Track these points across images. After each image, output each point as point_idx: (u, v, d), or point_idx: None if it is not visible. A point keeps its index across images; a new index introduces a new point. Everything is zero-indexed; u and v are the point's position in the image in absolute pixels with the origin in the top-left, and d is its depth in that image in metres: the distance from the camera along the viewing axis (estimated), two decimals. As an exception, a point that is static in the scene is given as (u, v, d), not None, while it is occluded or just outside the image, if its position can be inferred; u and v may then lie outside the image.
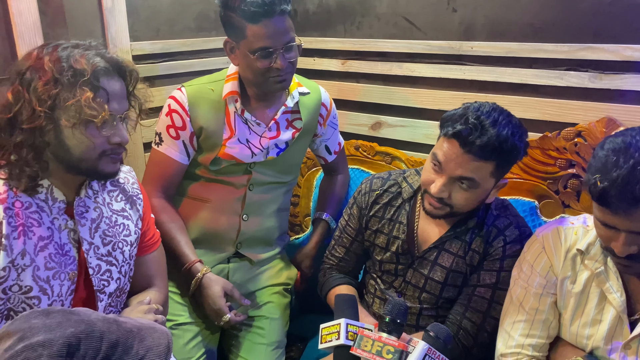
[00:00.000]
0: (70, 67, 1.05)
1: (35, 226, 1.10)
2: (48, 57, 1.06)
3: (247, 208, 1.68)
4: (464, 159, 1.27)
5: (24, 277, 1.08)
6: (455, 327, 1.40)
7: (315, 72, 2.16)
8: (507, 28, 1.71)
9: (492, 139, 1.24)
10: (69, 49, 1.08)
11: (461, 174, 1.29)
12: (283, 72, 1.50)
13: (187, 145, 1.61)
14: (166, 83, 1.99)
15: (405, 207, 1.51)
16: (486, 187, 1.33)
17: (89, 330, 0.83)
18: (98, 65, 1.07)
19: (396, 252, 1.49)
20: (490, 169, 1.29)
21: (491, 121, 1.25)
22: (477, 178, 1.29)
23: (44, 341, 0.80)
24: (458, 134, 1.26)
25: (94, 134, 1.09)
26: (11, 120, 1.06)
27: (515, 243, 1.39)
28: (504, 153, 1.27)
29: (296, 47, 1.52)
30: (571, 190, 1.60)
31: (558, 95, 1.64)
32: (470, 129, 1.24)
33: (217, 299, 1.53)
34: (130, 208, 1.30)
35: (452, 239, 1.44)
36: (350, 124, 2.12)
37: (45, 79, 1.04)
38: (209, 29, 2.10)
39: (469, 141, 1.25)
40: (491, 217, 1.43)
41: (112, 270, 1.22)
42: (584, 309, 1.20)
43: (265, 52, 1.47)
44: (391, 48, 1.96)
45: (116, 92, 1.11)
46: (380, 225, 1.53)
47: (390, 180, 1.56)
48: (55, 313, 0.84)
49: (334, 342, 1.09)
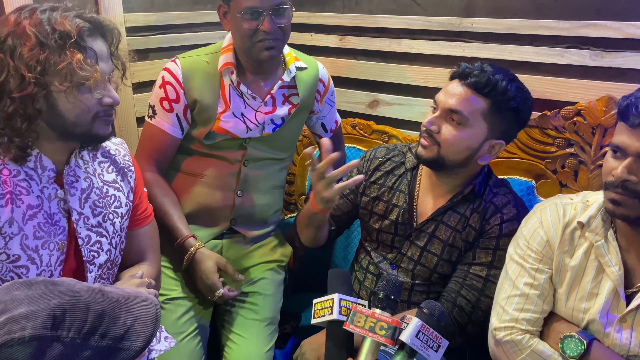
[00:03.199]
0: (54, 29, 1.02)
1: (24, 194, 1.08)
2: (28, 21, 1.02)
3: (242, 184, 1.66)
4: (459, 89, 1.34)
5: (12, 246, 1.06)
6: (449, 304, 1.40)
7: (313, 48, 2.12)
8: (508, 4, 1.68)
9: (489, 76, 1.33)
10: (48, 11, 1.04)
11: (451, 105, 1.34)
12: (271, 37, 1.47)
13: (180, 119, 1.59)
14: (160, 56, 1.96)
15: (407, 177, 1.51)
16: (476, 132, 1.35)
17: (74, 301, 0.81)
18: (82, 26, 1.05)
19: (395, 220, 1.49)
20: (482, 107, 1.33)
21: (495, 68, 1.36)
22: (466, 113, 1.33)
23: (27, 313, 0.78)
24: (461, 71, 1.36)
25: (87, 96, 1.06)
26: None
27: (512, 222, 1.39)
28: (497, 92, 1.32)
29: (288, 13, 1.49)
30: (569, 169, 1.59)
31: (558, 73, 1.62)
32: (472, 67, 1.36)
33: (210, 274, 1.53)
34: (122, 180, 1.28)
35: (450, 212, 1.44)
36: (347, 102, 2.10)
37: (30, 44, 1.00)
38: (205, 2, 2.06)
39: (466, 73, 1.34)
40: (490, 194, 1.43)
41: (102, 242, 1.20)
42: (581, 282, 1.21)
43: (253, 12, 1.44)
44: (390, 24, 1.93)
45: (103, 52, 1.09)
46: (379, 193, 1.53)
47: (395, 150, 1.58)
48: (38, 284, 0.82)
49: (327, 317, 1.08)
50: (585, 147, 1.55)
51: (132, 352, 0.84)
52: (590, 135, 1.53)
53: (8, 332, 0.76)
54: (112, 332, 0.83)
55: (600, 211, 1.19)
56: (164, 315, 1.54)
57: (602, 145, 1.52)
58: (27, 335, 0.76)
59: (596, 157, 1.53)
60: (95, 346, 0.81)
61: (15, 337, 0.75)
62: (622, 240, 1.17)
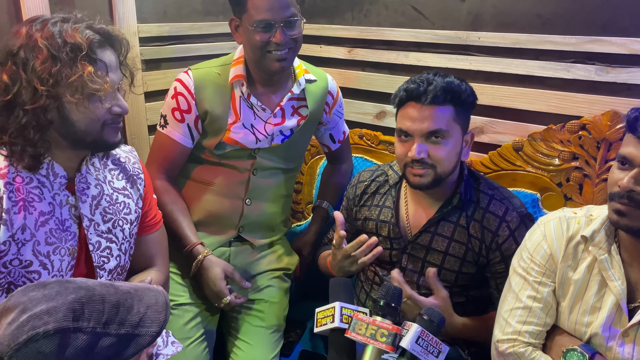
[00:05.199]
0: (65, 42, 1.04)
1: (36, 201, 1.11)
2: (40, 33, 1.04)
3: (251, 192, 1.69)
4: (425, 111, 1.35)
5: (25, 252, 1.09)
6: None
7: (321, 59, 2.15)
8: (515, 19, 1.70)
9: (440, 83, 1.35)
10: (59, 23, 1.06)
11: (429, 127, 1.35)
12: (282, 48, 1.49)
13: (191, 129, 1.62)
14: (172, 66, 1.99)
15: (391, 193, 1.54)
16: (456, 138, 1.39)
17: (90, 294, 0.85)
18: (92, 38, 1.07)
19: (388, 236, 1.51)
20: (451, 113, 1.37)
21: (433, 74, 1.40)
22: (444, 126, 1.36)
23: (47, 309, 0.81)
24: (410, 93, 1.36)
25: (97, 106, 1.09)
26: (10, 102, 1.04)
27: (520, 228, 1.41)
28: (455, 94, 1.36)
29: (299, 25, 1.52)
30: (574, 183, 1.59)
31: (564, 88, 1.63)
32: (418, 84, 1.37)
33: (218, 281, 1.54)
34: (131, 187, 1.31)
35: (443, 222, 1.45)
36: (355, 113, 2.12)
37: (42, 57, 1.02)
38: (216, 13, 2.10)
39: (422, 92, 1.35)
40: (485, 198, 1.45)
41: (112, 248, 1.23)
42: (584, 296, 1.21)
43: (264, 24, 1.47)
44: (398, 37, 1.95)
45: (112, 62, 1.12)
46: (368, 213, 1.56)
47: (378, 171, 1.61)
48: (52, 284, 0.86)
49: (329, 325, 1.10)
50: (590, 160, 1.56)
51: (149, 337, 0.89)
52: (595, 149, 1.54)
53: (32, 327, 0.79)
54: (128, 320, 0.88)
55: (604, 225, 1.20)
56: (172, 321, 1.56)
57: (606, 159, 1.53)
58: (51, 329, 0.80)
59: (601, 171, 1.54)
60: (115, 334, 0.86)
61: (40, 331, 0.79)
62: (625, 255, 1.18)
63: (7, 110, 1.06)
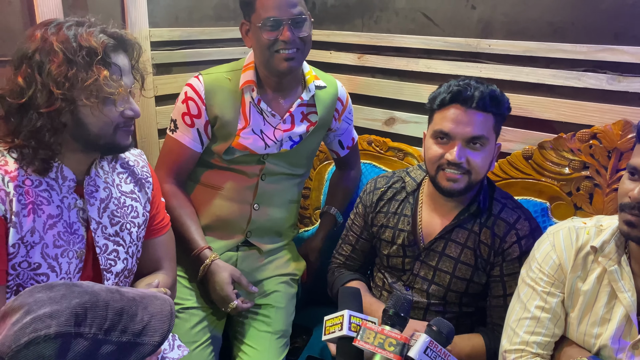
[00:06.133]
0: (80, 46, 1.04)
1: (44, 204, 1.11)
2: (55, 37, 1.05)
3: (259, 197, 1.69)
4: (469, 115, 1.34)
5: (33, 254, 1.09)
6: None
7: (331, 65, 2.16)
8: (525, 27, 1.69)
9: (486, 90, 1.34)
10: (74, 27, 1.07)
11: (472, 132, 1.34)
12: (290, 47, 1.49)
13: (201, 134, 1.62)
14: (183, 70, 2.00)
15: (409, 200, 1.53)
16: (492, 146, 1.40)
17: (94, 300, 0.85)
18: (107, 43, 1.08)
19: (402, 244, 1.50)
20: (492, 121, 1.37)
21: (475, 80, 1.39)
22: (486, 133, 1.35)
23: (51, 312, 0.82)
24: (456, 95, 1.34)
25: (111, 109, 1.10)
26: (24, 105, 1.05)
27: (528, 237, 1.40)
28: (498, 103, 1.36)
29: (307, 24, 1.52)
30: (584, 192, 1.58)
31: (575, 96, 1.62)
32: (464, 87, 1.35)
33: (225, 286, 1.55)
34: (139, 190, 1.31)
35: (457, 228, 1.45)
36: (364, 119, 2.12)
37: (58, 61, 1.03)
38: (227, 19, 2.11)
39: (469, 96, 1.33)
40: (498, 206, 1.44)
41: (119, 251, 1.23)
42: (593, 307, 1.20)
43: (272, 22, 1.47)
44: (408, 43, 1.95)
45: (126, 66, 1.13)
46: (385, 220, 1.55)
47: (394, 177, 1.60)
48: (58, 286, 0.86)
49: (337, 333, 1.09)
50: (601, 170, 1.55)
51: (151, 347, 0.89)
52: (606, 158, 1.53)
53: (34, 330, 0.80)
54: (131, 328, 0.87)
55: (614, 236, 1.19)
56: (178, 324, 1.56)
57: (617, 169, 1.51)
58: (52, 333, 0.80)
59: (612, 181, 1.53)
60: (116, 341, 0.85)
61: (41, 334, 0.79)
62: (635, 266, 1.17)
63: (20, 113, 1.06)
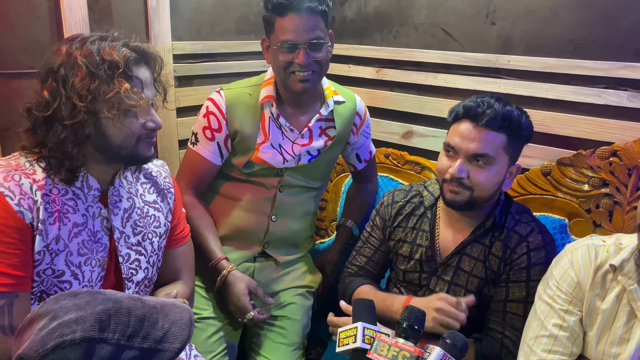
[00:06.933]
0: (103, 60, 1.07)
1: (70, 213, 1.14)
2: (79, 52, 1.08)
3: (277, 209, 1.71)
4: (477, 132, 1.34)
5: (57, 262, 1.12)
6: (498, 344, 1.40)
7: (350, 79, 2.18)
8: (545, 43, 1.69)
9: (500, 110, 1.34)
10: (97, 42, 1.10)
11: (476, 149, 1.34)
12: (305, 70, 1.52)
13: (221, 147, 1.65)
14: (204, 83, 2.04)
15: (427, 215, 1.53)
16: (501, 166, 1.37)
17: (117, 307, 0.88)
18: (129, 56, 1.11)
19: (420, 259, 1.50)
20: (503, 142, 1.35)
21: (495, 99, 1.38)
22: (492, 152, 1.34)
23: (76, 318, 0.84)
24: (468, 110, 1.35)
25: (132, 121, 1.12)
26: (49, 117, 1.08)
27: (539, 250, 1.39)
28: (513, 124, 1.35)
29: (324, 48, 1.54)
30: (603, 210, 1.57)
31: (595, 113, 1.62)
32: (478, 104, 1.35)
33: (242, 297, 1.56)
34: (162, 201, 1.34)
35: (473, 243, 1.44)
36: (382, 132, 2.13)
37: (81, 75, 1.06)
38: (248, 32, 2.14)
39: (479, 113, 1.33)
40: (512, 221, 1.43)
41: (140, 260, 1.26)
42: (612, 327, 1.18)
43: (289, 45, 1.50)
44: (427, 58, 1.96)
45: (147, 79, 1.15)
46: (403, 235, 1.55)
47: (412, 191, 1.59)
48: (83, 294, 0.89)
49: (351, 345, 1.10)
50: (621, 187, 1.53)
51: (171, 353, 0.90)
52: (626, 176, 1.52)
53: (60, 335, 0.82)
54: (152, 335, 0.89)
55: (633, 255, 1.17)
56: (195, 334, 1.58)
57: (638, 186, 1.50)
58: (78, 337, 0.82)
59: (632, 199, 1.52)
60: (138, 347, 0.87)
61: (67, 339, 0.81)
62: None
63: (46, 125, 1.09)
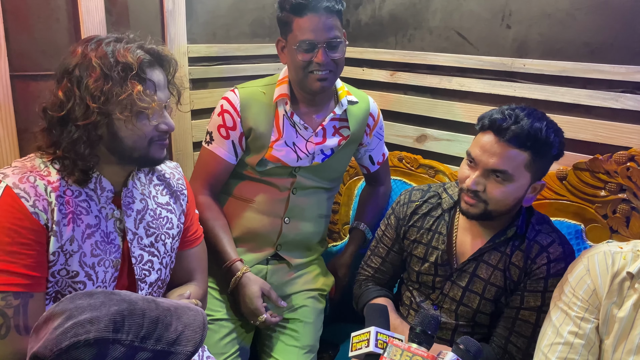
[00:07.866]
0: (117, 61, 1.08)
1: (83, 214, 1.15)
2: (94, 53, 1.09)
3: (290, 211, 1.71)
4: (499, 147, 1.29)
5: (72, 263, 1.13)
6: (500, 350, 1.38)
7: (364, 82, 2.17)
8: (562, 47, 1.68)
9: (526, 126, 1.27)
10: (112, 43, 1.11)
11: (494, 164, 1.30)
12: (323, 68, 1.53)
13: (236, 145, 1.66)
14: (219, 85, 2.05)
15: (444, 218, 1.51)
16: (521, 183, 1.33)
17: (132, 308, 0.88)
18: (143, 58, 1.11)
19: (435, 262, 1.49)
20: (525, 160, 1.30)
21: (526, 113, 1.30)
22: (511, 170, 1.30)
23: (91, 318, 0.85)
24: (493, 123, 1.30)
25: (145, 123, 1.13)
26: (64, 117, 1.09)
27: (559, 261, 1.36)
28: (539, 143, 1.28)
29: (341, 47, 1.55)
30: (620, 215, 1.55)
31: (612, 118, 1.60)
32: (505, 117, 1.29)
33: (255, 299, 1.56)
34: (174, 202, 1.34)
35: (491, 250, 1.42)
36: (395, 135, 2.13)
37: (95, 76, 1.07)
38: (263, 36, 2.15)
39: (504, 128, 1.28)
40: (533, 232, 1.41)
41: (153, 261, 1.26)
42: (629, 335, 1.16)
43: (307, 45, 1.51)
44: (442, 62, 1.95)
45: (161, 82, 1.16)
46: (418, 236, 1.53)
47: (430, 192, 1.57)
48: (98, 294, 0.89)
49: (364, 350, 1.09)
50: (639, 193, 1.51)
51: (184, 356, 0.90)
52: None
53: (74, 335, 0.82)
54: (165, 337, 0.89)
55: None
56: (208, 335, 1.57)
57: (656, 192, 1.48)
58: (92, 338, 0.83)
59: (650, 205, 1.50)
60: (151, 349, 0.87)
61: (81, 339, 0.82)
62: None
63: (60, 125, 1.11)
